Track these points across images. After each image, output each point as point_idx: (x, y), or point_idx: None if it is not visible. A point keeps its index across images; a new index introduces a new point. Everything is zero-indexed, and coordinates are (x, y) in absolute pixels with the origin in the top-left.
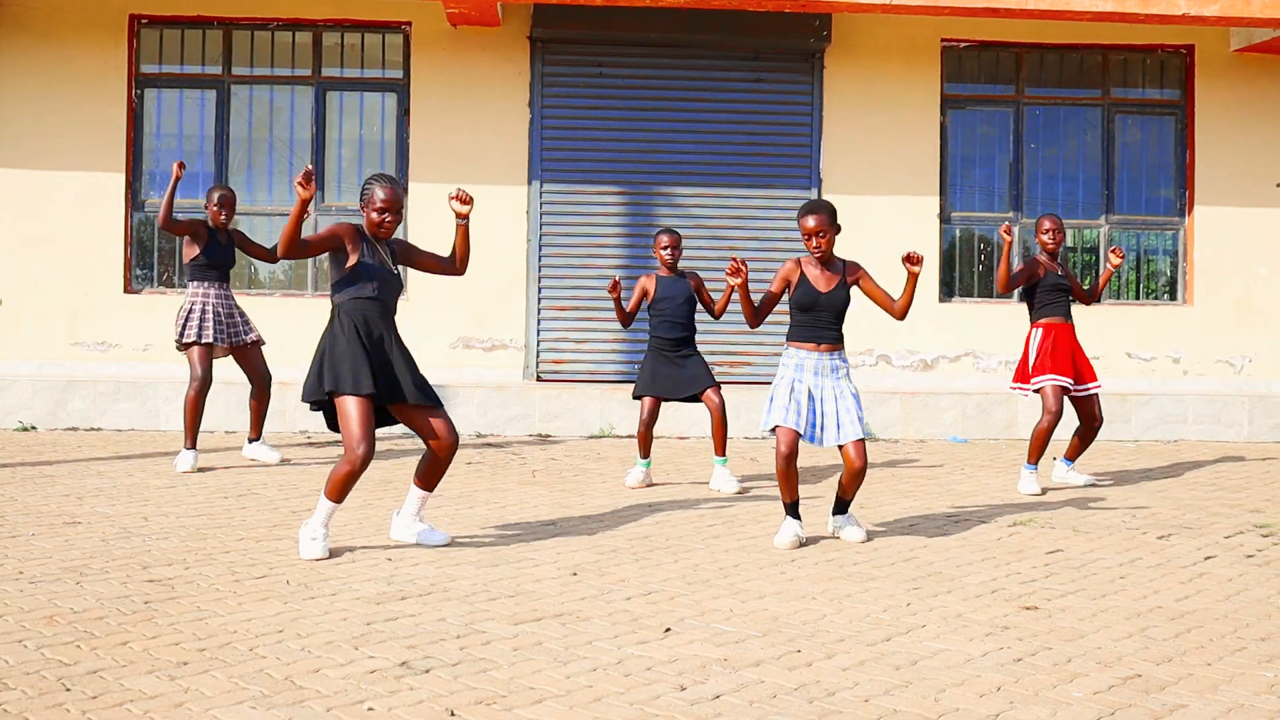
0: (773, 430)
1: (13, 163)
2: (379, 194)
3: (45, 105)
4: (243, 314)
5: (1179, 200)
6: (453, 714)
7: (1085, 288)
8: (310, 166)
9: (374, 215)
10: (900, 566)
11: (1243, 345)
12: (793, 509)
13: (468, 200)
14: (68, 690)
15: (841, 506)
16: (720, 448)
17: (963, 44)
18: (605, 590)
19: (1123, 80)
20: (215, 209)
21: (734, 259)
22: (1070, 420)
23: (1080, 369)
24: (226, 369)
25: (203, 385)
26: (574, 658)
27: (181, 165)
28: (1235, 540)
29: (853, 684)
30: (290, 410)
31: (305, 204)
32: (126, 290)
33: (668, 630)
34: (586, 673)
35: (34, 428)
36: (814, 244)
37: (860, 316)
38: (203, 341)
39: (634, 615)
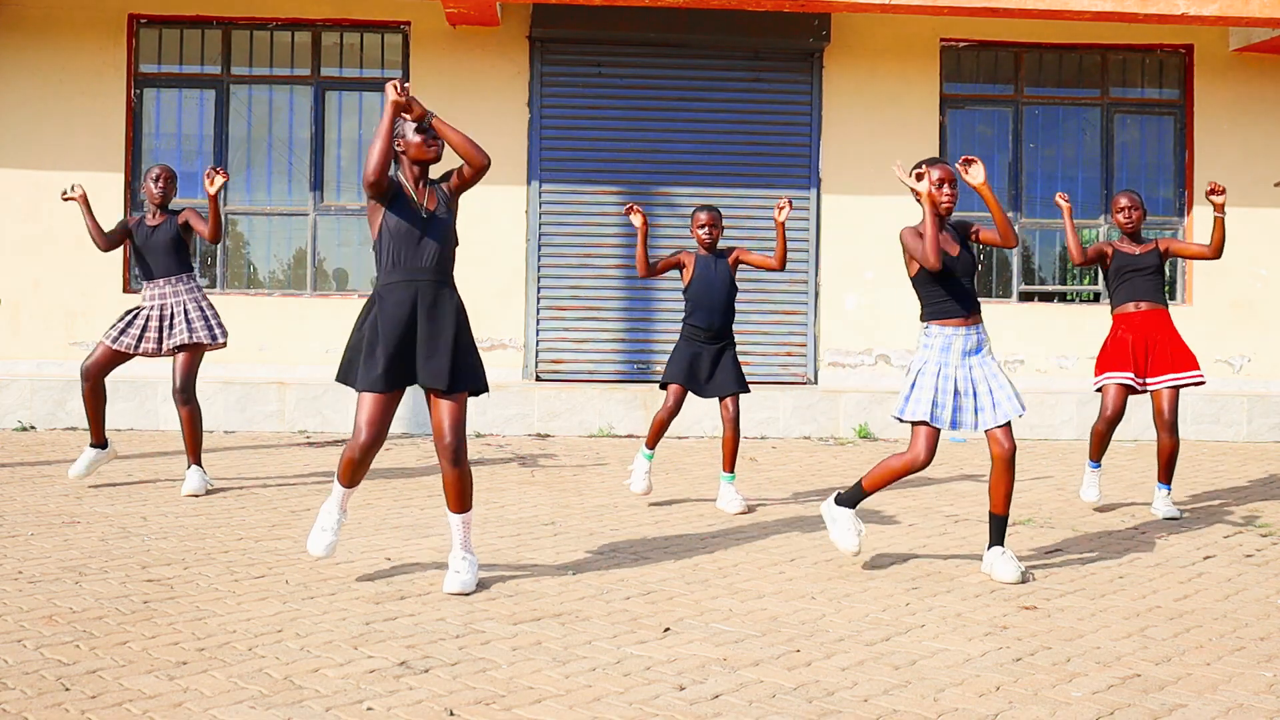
0: (912, 421)
1: (12, 163)
2: (420, 130)
3: (44, 105)
4: (189, 311)
5: (1178, 200)
6: (452, 714)
7: (1207, 244)
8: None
9: (419, 140)
10: (899, 566)
11: (1242, 345)
12: (858, 498)
13: (399, 90)
14: (67, 690)
15: (998, 531)
16: (729, 463)
17: (962, 44)
18: (604, 590)
19: (1122, 80)
20: (152, 183)
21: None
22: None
23: (1155, 359)
24: (222, 368)
25: (92, 375)
26: (573, 657)
27: (78, 190)
28: (1234, 540)
29: (852, 684)
30: (290, 410)
31: (397, 111)
32: (125, 290)
33: (667, 630)
34: (585, 672)
35: (33, 427)
36: (946, 192)
37: (859, 313)
38: (107, 343)
39: (633, 615)
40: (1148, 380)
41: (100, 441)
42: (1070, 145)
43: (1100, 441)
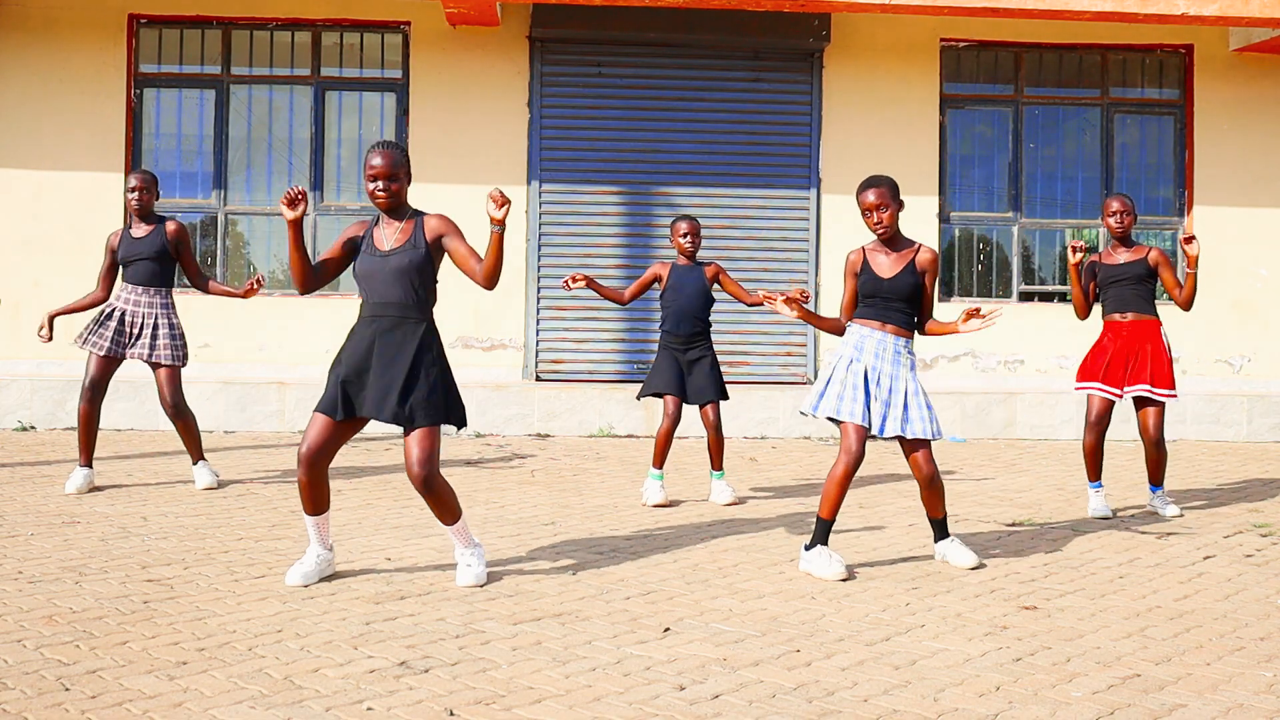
0: (833, 421)
1: (12, 163)
2: (371, 159)
3: (45, 105)
4: (159, 328)
5: (1178, 200)
6: (452, 714)
7: (1179, 288)
8: (301, 189)
9: (368, 185)
10: (899, 566)
11: (1242, 345)
12: (825, 531)
13: (503, 201)
14: (67, 690)
15: (940, 529)
16: (717, 462)
17: (962, 44)
18: (604, 590)
19: (1122, 80)
20: (129, 194)
21: (800, 290)
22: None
23: (1136, 370)
24: (222, 368)
25: (91, 396)
26: (573, 657)
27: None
28: (1234, 540)
29: (852, 684)
30: (290, 410)
31: (297, 226)
32: None
33: (667, 630)
34: (585, 672)
35: (33, 427)
36: (875, 219)
37: None
38: (90, 349)
39: (633, 615)
40: (1123, 390)
41: (89, 461)
42: (1070, 145)
43: (1094, 457)
